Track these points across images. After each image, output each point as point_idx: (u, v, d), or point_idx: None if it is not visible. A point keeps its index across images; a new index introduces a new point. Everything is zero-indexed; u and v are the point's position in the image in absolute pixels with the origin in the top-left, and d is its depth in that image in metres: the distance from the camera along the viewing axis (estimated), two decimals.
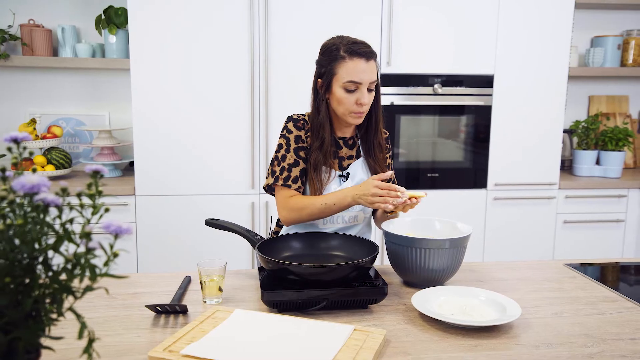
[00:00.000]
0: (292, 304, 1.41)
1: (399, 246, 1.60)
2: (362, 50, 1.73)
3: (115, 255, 0.73)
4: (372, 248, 1.57)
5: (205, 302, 1.49)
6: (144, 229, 2.98)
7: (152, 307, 1.40)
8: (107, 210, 0.77)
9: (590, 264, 1.91)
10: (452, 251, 1.58)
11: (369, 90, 1.76)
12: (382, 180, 1.68)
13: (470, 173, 3.25)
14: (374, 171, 1.90)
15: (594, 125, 3.54)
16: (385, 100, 3.09)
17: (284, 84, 2.99)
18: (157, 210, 2.98)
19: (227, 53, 2.94)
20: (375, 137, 1.89)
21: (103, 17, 3.22)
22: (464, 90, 3.16)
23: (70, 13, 3.35)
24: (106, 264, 0.72)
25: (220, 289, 1.49)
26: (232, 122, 2.99)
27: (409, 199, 1.65)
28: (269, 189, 1.89)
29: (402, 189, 1.65)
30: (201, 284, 1.48)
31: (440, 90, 3.13)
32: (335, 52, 1.76)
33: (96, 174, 0.77)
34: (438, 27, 3.09)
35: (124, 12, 3.14)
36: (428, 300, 1.46)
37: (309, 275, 1.42)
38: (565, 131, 3.75)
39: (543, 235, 3.34)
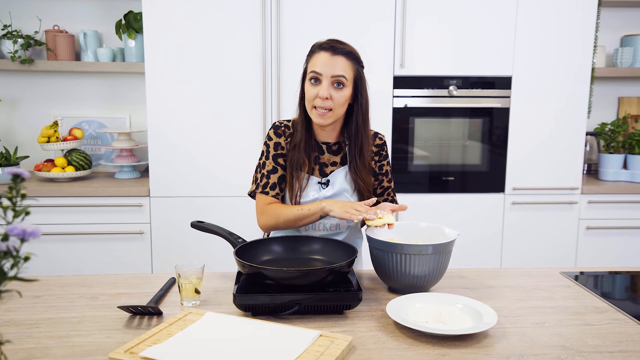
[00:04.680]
0: (265, 308, 1.41)
1: (381, 251, 1.58)
2: (330, 45, 1.74)
3: (27, 258, 0.74)
4: (352, 252, 1.55)
5: (182, 304, 1.50)
6: (158, 229, 3.03)
7: (125, 308, 1.41)
8: (27, 213, 0.77)
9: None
10: (435, 257, 1.55)
11: (338, 86, 1.73)
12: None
13: (487, 176, 3.18)
14: (355, 183, 1.84)
15: (620, 128, 3.41)
16: (398, 103, 3.06)
17: (296, 90, 2.98)
18: (171, 211, 3.03)
19: (240, 59, 2.96)
20: (354, 145, 1.82)
21: (123, 22, 3.29)
22: (481, 92, 3.10)
23: (93, 18, 3.43)
24: (13, 267, 0.73)
25: (196, 291, 1.49)
26: (245, 125, 3.01)
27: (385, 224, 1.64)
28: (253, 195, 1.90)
29: (377, 212, 1.62)
30: (179, 286, 1.49)
31: (455, 92, 3.07)
32: (311, 49, 1.79)
33: (16, 178, 0.78)
34: (453, 27, 3.03)
35: (142, 17, 3.20)
36: (404, 307, 1.43)
37: (282, 280, 1.42)
38: (592, 134, 3.63)
39: (564, 241, 3.24)
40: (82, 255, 3.01)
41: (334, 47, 1.73)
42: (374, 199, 1.68)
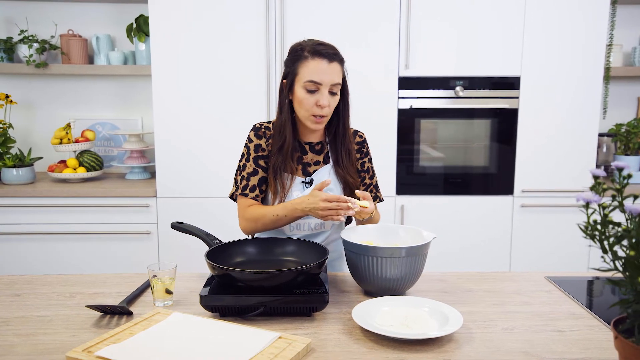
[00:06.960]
0: (231, 309, 1.41)
1: (355, 254, 1.56)
2: (325, 51, 1.72)
3: None
4: (324, 254, 1.54)
5: (155, 304, 1.52)
6: (164, 229, 3.07)
7: (94, 307, 1.43)
8: None
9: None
10: (409, 259, 1.53)
11: (332, 93, 1.74)
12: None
13: (496, 178, 3.12)
14: (343, 179, 1.86)
15: (637, 129, 3.30)
16: (403, 104, 3.03)
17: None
18: (177, 212, 3.06)
19: (244, 62, 2.98)
20: (342, 144, 1.85)
21: (134, 25, 3.35)
22: (488, 93, 3.05)
23: (105, 22, 3.50)
24: None
25: (168, 292, 1.51)
26: (248, 128, 3.01)
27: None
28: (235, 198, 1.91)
29: (353, 199, 1.63)
30: (151, 286, 1.51)
31: (462, 93, 3.02)
32: (299, 52, 1.75)
33: None
34: (459, 27, 2.99)
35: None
36: (371, 310, 1.42)
37: (249, 281, 1.42)
38: (609, 135, 3.53)
39: (576, 244, 3.15)
40: (90, 254, 3.08)
41: (329, 53, 1.72)
42: (327, 180, 1.66)
